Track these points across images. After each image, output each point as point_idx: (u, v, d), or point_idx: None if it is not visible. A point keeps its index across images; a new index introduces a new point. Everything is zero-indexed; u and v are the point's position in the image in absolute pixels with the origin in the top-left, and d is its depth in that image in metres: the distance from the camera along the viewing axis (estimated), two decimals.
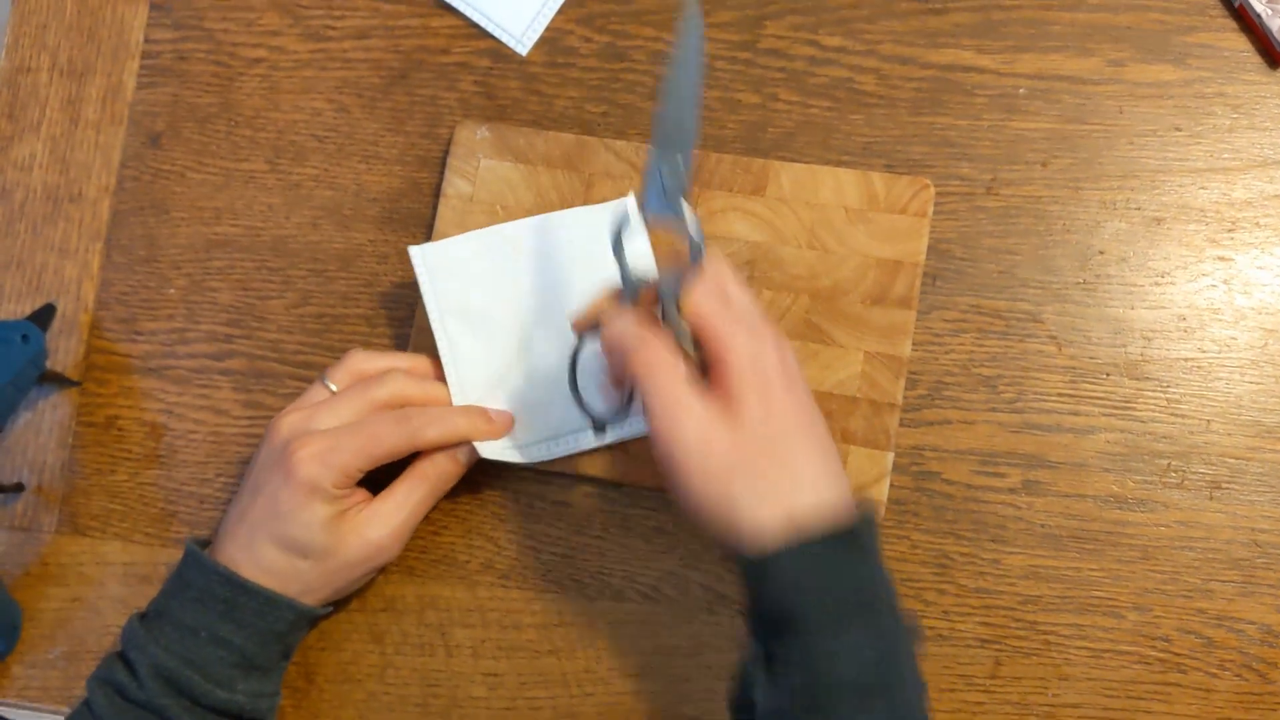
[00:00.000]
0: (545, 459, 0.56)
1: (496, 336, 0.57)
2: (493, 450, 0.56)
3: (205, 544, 0.55)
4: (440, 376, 0.57)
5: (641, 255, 0.50)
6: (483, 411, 0.56)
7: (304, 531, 0.52)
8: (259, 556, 0.52)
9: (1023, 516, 0.56)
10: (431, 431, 0.54)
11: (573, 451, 0.56)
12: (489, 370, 0.57)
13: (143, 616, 0.54)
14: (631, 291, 0.48)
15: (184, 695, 0.51)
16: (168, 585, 0.54)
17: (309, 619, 0.55)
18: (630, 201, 0.56)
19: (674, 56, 0.48)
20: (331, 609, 0.57)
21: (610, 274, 0.48)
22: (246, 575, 0.52)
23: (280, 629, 0.53)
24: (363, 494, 0.55)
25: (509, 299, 0.57)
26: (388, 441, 0.53)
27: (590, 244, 0.55)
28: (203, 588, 0.52)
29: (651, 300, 0.48)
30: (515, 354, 0.57)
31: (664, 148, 0.48)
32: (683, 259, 0.47)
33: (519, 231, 0.57)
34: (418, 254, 0.57)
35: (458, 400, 0.56)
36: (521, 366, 0.57)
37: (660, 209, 0.48)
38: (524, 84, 0.62)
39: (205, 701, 0.51)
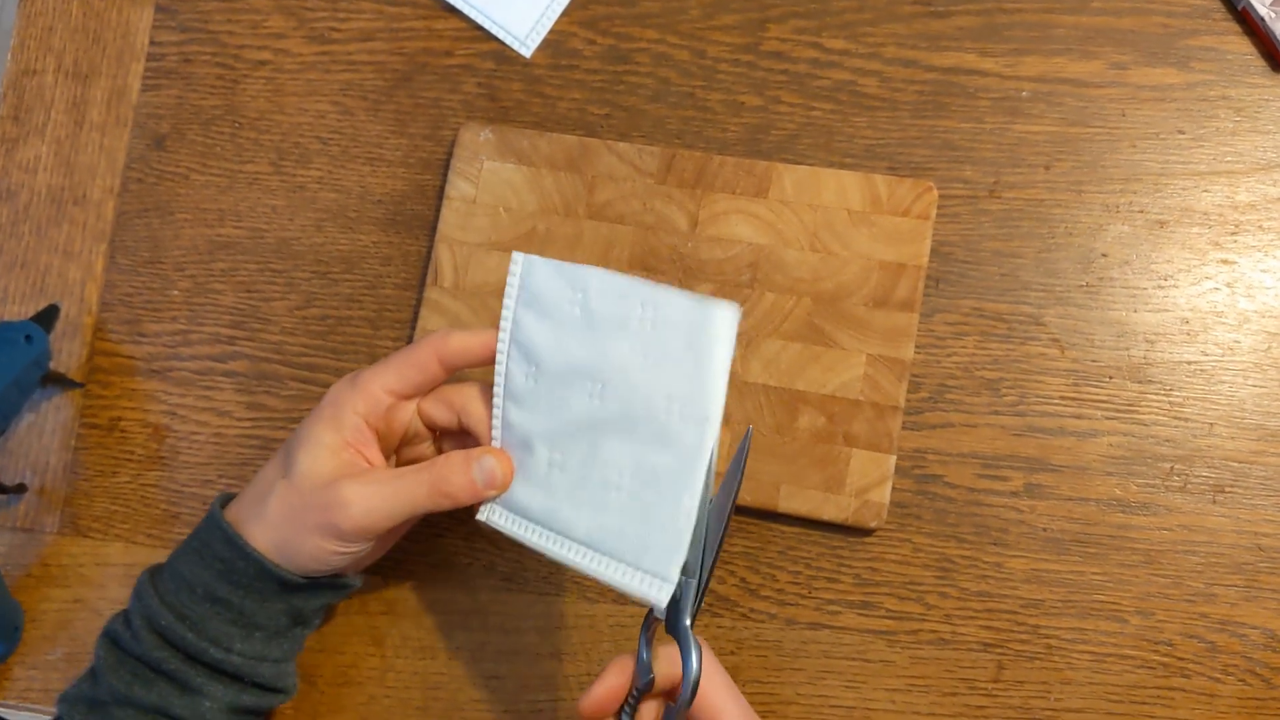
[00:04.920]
0: (537, 547, 0.50)
1: (544, 391, 0.49)
2: (496, 516, 0.51)
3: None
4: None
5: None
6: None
7: (298, 446, 0.50)
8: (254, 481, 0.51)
9: (1025, 520, 0.56)
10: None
11: (571, 564, 0.49)
12: (534, 423, 0.49)
13: (154, 569, 0.52)
14: (645, 682, 0.47)
15: (179, 649, 0.50)
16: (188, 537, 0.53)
17: (318, 585, 0.51)
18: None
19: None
20: (349, 583, 0.53)
21: (677, 385, 0.46)
22: (245, 523, 0.50)
23: (282, 590, 0.51)
24: (378, 464, 0.52)
25: (568, 360, 0.49)
26: (416, 378, 0.51)
27: (661, 337, 0.46)
28: (204, 541, 0.51)
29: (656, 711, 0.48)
30: (559, 420, 0.49)
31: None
32: (674, 683, 0.47)
33: (598, 284, 0.48)
34: (520, 262, 0.50)
35: (496, 436, 0.51)
36: (563, 438, 0.49)
37: (670, 628, 0.47)
38: (527, 86, 0.62)
39: (202, 659, 0.50)
